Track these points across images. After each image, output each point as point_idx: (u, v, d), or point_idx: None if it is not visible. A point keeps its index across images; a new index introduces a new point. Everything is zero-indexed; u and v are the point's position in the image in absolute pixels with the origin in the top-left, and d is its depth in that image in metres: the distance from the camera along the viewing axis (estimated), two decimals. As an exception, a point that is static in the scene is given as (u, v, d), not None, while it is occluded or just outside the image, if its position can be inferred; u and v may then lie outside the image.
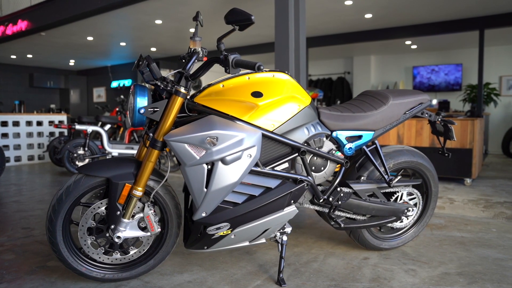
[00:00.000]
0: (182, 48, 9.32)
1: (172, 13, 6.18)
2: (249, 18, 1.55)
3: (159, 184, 1.82)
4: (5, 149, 6.33)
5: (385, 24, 6.89)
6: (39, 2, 6.96)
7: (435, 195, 2.34)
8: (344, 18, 6.44)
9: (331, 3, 5.56)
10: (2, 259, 2.24)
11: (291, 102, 1.81)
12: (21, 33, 7.37)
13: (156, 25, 6.97)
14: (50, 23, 6.79)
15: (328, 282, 1.90)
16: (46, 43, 8.31)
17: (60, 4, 6.55)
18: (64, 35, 7.56)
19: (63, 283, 1.90)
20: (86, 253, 1.83)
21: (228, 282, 1.91)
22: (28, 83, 11.56)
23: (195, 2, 5.64)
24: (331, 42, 7.86)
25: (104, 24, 6.85)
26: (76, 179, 1.74)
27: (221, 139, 1.63)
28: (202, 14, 6.32)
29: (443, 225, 2.90)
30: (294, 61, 3.91)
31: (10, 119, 6.38)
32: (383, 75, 9.95)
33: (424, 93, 2.16)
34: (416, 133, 4.86)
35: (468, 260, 2.18)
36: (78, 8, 6.22)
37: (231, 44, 8.89)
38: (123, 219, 1.76)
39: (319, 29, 7.29)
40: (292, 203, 1.86)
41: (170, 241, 1.92)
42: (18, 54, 9.71)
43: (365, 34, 7.41)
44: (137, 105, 1.69)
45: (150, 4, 5.70)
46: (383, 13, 6.06)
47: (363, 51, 9.51)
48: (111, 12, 6.14)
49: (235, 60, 1.53)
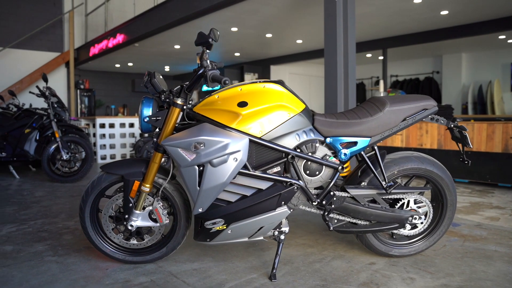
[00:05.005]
0: (263, 52, 9.68)
1: (244, 21, 6.53)
2: (207, 41, 1.79)
3: (165, 182, 2.09)
4: (102, 147, 7.32)
5: (466, 20, 6.38)
6: (132, 17, 7.89)
7: (451, 204, 2.24)
8: (418, 17, 6.14)
9: (399, 3, 5.37)
10: (62, 238, 2.73)
11: (279, 110, 1.94)
12: (119, 45, 8.43)
13: (233, 32, 7.40)
14: (141, 35, 7.67)
15: (318, 282, 1.99)
16: (140, 53, 9.33)
17: (149, 17, 7.35)
18: (154, 44, 8.42)
19: (95, 261, 2.28)
20: (109, 237, 2.18)
21: (228, 273, 2.11)
22: (131, 88, 13.03)
23: (262, 10, 5.91)
24: (411, 41, 7.50)
25: (186, 33, 7.48)
26: (99, 176, 2.10)
27: (207, 144, 1.84)
28: (271, 22, 6.57)
29: (482, 237, 2.72)
30: (343, 66, 3.92)
31: (107, 121, 7.35)
32: (476, 73, 9.12)
33: (430, 98, 2.10)
34: (487, 137, 4.48)
35: (481, 275, 2.06)
36: (162, 20, 6.92)
37: (303, 48, 9.01)
38: (135, 211, 2.07)
39: (396, 29, 7.03)
40: (283, 204, 1.99)
41: (180, 232, 2.19)
42: (121, 63, 11.03)
43: (446, 31, 6.93)
44: (142, 115, 1.99)
45: (222, 13, 6.11)
46: (460, 9, 5.65)
47: (453, 49, 8.84)
48: (190, 22, 6.70)
49: (211, 75, 1.75)
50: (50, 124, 5.17)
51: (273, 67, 10.77)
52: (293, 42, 8.36)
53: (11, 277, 2.07)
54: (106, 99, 12.24)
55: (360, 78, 11.40)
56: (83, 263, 2.26)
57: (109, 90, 12.55)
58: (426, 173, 2.16)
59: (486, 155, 4.49)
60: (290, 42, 8.32)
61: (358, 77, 11.54)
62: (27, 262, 2.28)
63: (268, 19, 6.43)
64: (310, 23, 6.57)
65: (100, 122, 7.28)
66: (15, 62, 10.32)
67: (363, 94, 11.09)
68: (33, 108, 5.54)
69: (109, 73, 12.63)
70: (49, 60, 10.69)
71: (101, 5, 9.95)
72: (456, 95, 9.34)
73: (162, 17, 6.92)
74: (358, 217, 2.10)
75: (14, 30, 10.26)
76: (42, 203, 3.85)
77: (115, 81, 12.68)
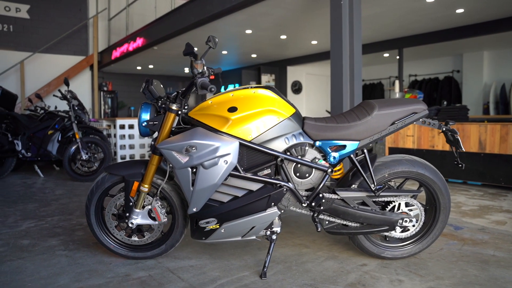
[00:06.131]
0: (279, 53, 9.76)
1: (257, 23, 6.62)
2: (193, 51, 1.91)
3: (163, 182, 2.21)
4: (122, 148, 7.57)
5: (486, 17, 6.26)
6: (151, 21, 8.12)
7: (444, 207, 2.26)
8: (433, 16, 6.07)
9: (410, 3, 5.34)
10: (74, 234, 2.90)
11: (269, 114, 2.02)
12: (139, 48, 8.68)
13: (248, 34, 7.51)
14: (159, 38, 7.88)
15: (306, 282, 2.06)
16: (159, 55, 9.57)
17: (166, 21, 7.55)
18: (172, 47, 8.63)
19: (101, 256, 2.43)
20: (112, 234, 2.32)
21: (221, 271, 2.20)
22: (153, 90, 13.34)
23: (274, 12, 5.98)
24: (428, 40, 7.41)
25: (202, 37, 7.63)
26: (103, 176, 2.24)
27: (199, 147, 1.94)
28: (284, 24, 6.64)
29: (483, 241, 2.71)
30: (349, 67, 3.96)
31: (126, 122, 7.59)
32: (499, 72, 8.90)
33: (420, 102, 2.13)
34: (500, 139, 4.41)
35: (472, 279, 2.08)
36: (178, 24, 7.10)
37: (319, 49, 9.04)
38: (135, 209, 2.20)
39: (411, 28, 6.96)
40: (273, 205, 2.08)
41: (178, 230, 2.30)
42: (141, 66, 11.33)
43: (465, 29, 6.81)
44: (141, 119, 2.11)
45: (235, 16, 6.22)
46: (476, 6, 5.56)
47: (474, 47, 8.65)
48: (205, 26, 6.85)
49: (201, 83, 1.86)
50: (71, 125, 5.41)
51: (289, 68, 10.82)
52: (308, 43, 8.40)
53: (24, 269, 2.24)
54: (128, 100, 12.58)
55: (378, 78, 11.29)
56: (90, 257, 2.41)
57: (131, 92, 12.89)
58: (417, 176, 2.20)
59: (500, 157, 4.42)
60: (305, 43, 8.36)
61: (376, 77, 11.42)
62: (40, 255, 2.45)
63: (281, 21, 6.50)
64: (323, 25, 6.60)
65: (120, 123, 7.53)
66: (44, 66, 10.77)
67: (381, 94, 10.98)
68: (56, 110, 5.81)
69: (131, 75, 12.98)
70: (75, 63, 11.11)
71: (123, 9, 10.27)
72: (477, 95, 9.14)
73: (178, 21, 7.10)
74: (348, 219, 2.16)
75: (42, 36, 10.72)
76: (60, 201, 4.06)
77: (136, 83, 13.01)
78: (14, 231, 2.98)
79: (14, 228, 3.07)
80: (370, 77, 11.61)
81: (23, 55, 10.29)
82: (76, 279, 2.10)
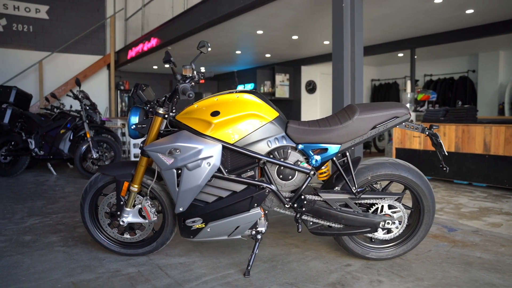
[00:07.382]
0: (293, 53, 9.76)
1: (268, 24, 6.67)
2: (170, 59, 2.07)
3: (152, 182, 2.30)
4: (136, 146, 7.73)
5: (499, 17, 6.14)
6: (164, 22, 8.27)
7: (428, 210, 2.28)
8: (443, 16, 5.99)
9: (418, 3, 5.29)
10: (75, 231, 3.03)
11: (251, 118, 2.09)
12: (153, 48, 8.85)
13: (259, 35, 7.56)
14: (172, 39, 8.02)
15: (287, 280, 2.12)
16: (174, 55, 9.69)
17: (178, 22, 7.68)
18: (186, 47, 8.76)
19: (96, 252, 2.54)
20: (105, 231, 2.43)
21: (208, 268, 2.28)
22: (168, 88, 13.55)
23: (283, 13, 6.02)
24: (440, 40, 7.29)
25: (214, 37, 7.73)
26: (96, 176, 2.35)
27: (182, 150, 2.02)
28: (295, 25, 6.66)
29: (473, 243, 2.71)
30: (350, 69, 3.98)
31: (139, 121, 7.76)
32: (515, 72, 8.69)
33: (402, 106, 2.15)
34: (505, 141, 4.35)
35: (451, 281, 2.10)
36: (190, 25, 7.22)
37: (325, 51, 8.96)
38: (126, 208, 2.30)
39: (422, 28, 6.87)
40: (256, 206, 2.14)
41: (168, 229, 2.39)
42: (158, 65, 11.52)
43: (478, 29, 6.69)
44: (130, 122, 2.21)
45: (245, 17, 6.28)
46: (485, 6, 5.47)
47: (490, 47, 8.47)
48: (216, 26, 6.93)
49: (182, 89, 1.94)
50: (83, 125, 5.59)
51: (304, 68, 10.81)
52: (321, 43, 8.38)
53: (21, 263, 2.37)
54: (145, 99, 12.80)
55: (394, 78, 11.17)
56: (85, 253, 2.53)
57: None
58: (400, 179, 2.22)
59: (504, 159, 4.36)
60: (317, 43, 8.35)
61: (391, 77, 11.30)
62: (39, 251, 2.58)
63: (291, 22, 6.53)
64: (332, 25, 6.59)
65: (132, 122, 7.71)
66: (62, 65, 11.08)
67: (396, 94, 10.86)
68: (68, 110, 6.00)
69: (147, 74, 13.21)
70: (92, 63, 11.38)
71: (139, 9, 10.47)
72: (492, 95, 8.95)
73: (190, 22, 7.21)
74: (330, 220, 2.20)
75: (61, 35, 11.03)
76: (68, 199, 4.22)
77: (153, 82, 13.23)
78: (18, 227, 3.13)
79: (19, 224, 3.23)
80: (385, 77, 11.49)
81: (42, 55, 10.61)
82: (69, 274, 2.21)
